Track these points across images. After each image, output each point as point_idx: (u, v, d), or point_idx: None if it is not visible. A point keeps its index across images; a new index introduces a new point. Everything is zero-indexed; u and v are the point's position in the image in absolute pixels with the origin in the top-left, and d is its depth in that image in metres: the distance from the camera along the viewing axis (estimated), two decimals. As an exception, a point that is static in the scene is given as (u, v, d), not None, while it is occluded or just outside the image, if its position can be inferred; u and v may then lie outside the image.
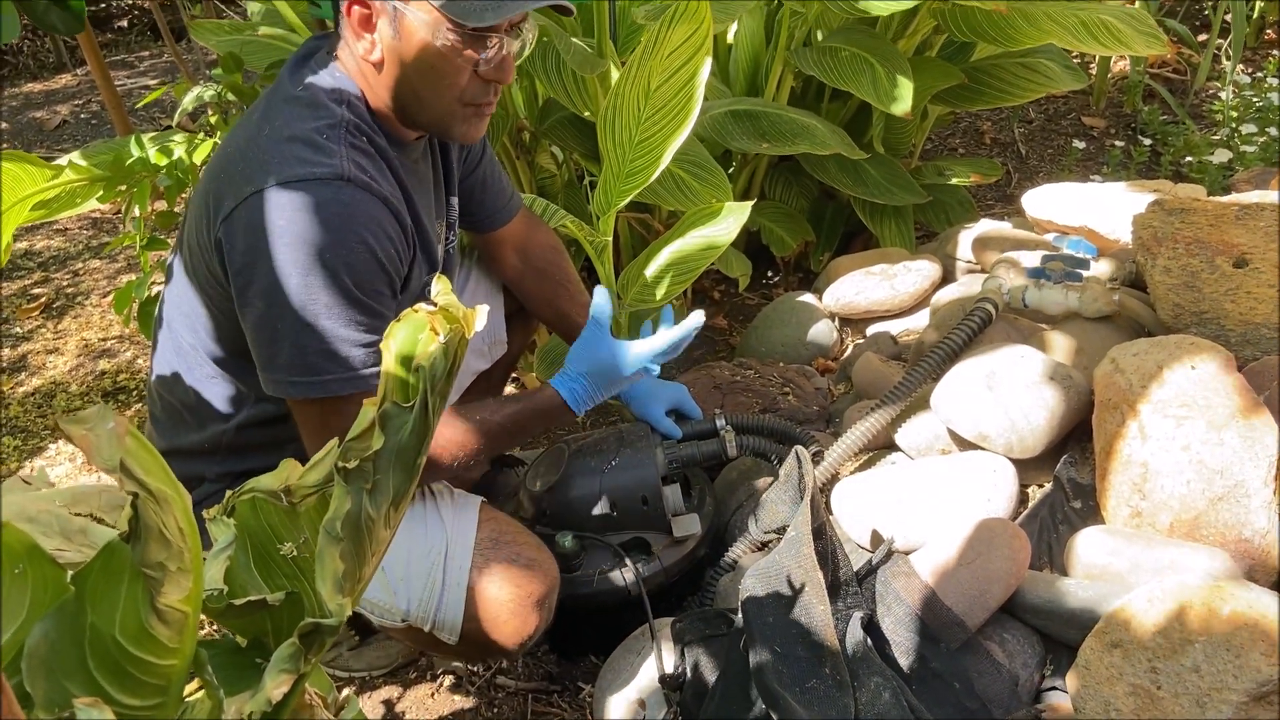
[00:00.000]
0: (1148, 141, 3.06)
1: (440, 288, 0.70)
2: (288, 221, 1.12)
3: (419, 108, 1.24)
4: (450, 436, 1.27)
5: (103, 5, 5.68)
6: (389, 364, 0.68)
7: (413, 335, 0.69)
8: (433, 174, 1.41)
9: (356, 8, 1.17)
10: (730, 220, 1.92)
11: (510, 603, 1.27)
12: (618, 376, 1.38)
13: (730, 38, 2.55)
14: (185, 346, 1.32)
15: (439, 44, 1.17)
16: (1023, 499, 1.45)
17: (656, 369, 1.42)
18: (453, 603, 1.27)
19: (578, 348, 1.39)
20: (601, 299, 1.40)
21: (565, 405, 1.36)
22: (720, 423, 1.61)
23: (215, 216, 1.17)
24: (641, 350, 1.38)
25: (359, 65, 1.23)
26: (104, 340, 2.67)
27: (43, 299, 2.91)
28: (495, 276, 1.72)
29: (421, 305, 0.68)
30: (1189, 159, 2.85)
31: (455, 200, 1.49)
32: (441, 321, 0.68)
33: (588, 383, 1.37)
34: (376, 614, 1.30)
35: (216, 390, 1.32)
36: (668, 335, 1.40)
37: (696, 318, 1.40)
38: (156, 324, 1.40)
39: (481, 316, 0.69)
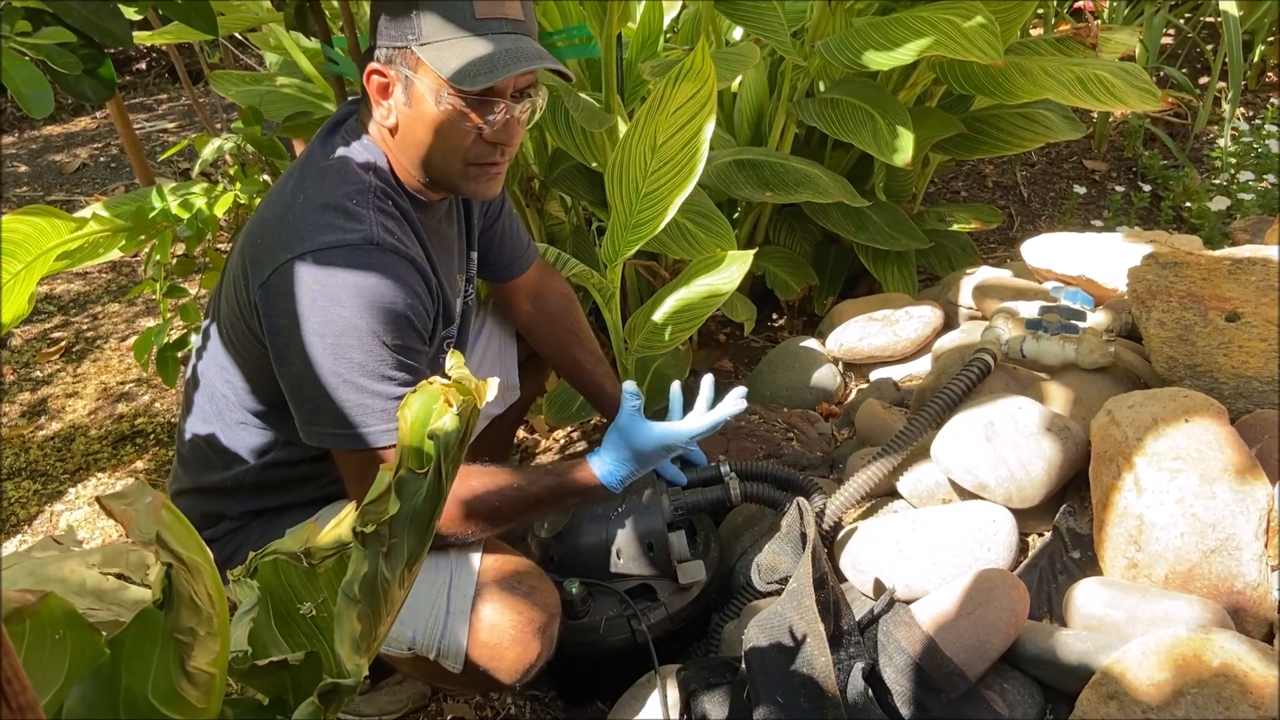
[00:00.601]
0: (1148, 187, 3.11)
1: (454, 361, 0.74)
2: (321, 286, 1.19)
3: (431, 169, 1.31)
4: (484, 500, 1.30)
5: (121, 50, 5.79)
6: (405, 433, 0.72)
7: (427, 406, 0.73)
8: (455, 231, 1.47)
9: (375, 77, 1.26)
10: (733, 269, 1.97)
11: (512, 630, 1.30)
12: (656, 458, 1.40)
13: (735, 87, 2.61)
14: (218, 395, 1.39)
15: (443, 108, 1.24)
16: (1023, 548, 1.47)
17: (695, 447, 1.46)
18: (456, 630, 1.30)
19: (616, 432, 1.39)
20: (632, 387, 1.42)
21: (602, 485, 1.37)
22: (724, 469, 1.64)
23: (253, 281, 1.23)
24: (680, 431, 1.39)
25: (380, 131, 1.30)
26: (123, 384, 2.72)
27: (63, 343, 2.97)
28: (509, 325, 1.78)
29: (436, 378, 0.72)
30: (1189, 204, 2.89)
31: (474, 254, 1.55)
32: (454, 393, 0.72)
33: (625, 464, 1.38)
34: (384, 643, 1.33)
35: (245, 435, 1.39)
36: (708, 418, 1.41)
37: (736, 401, 1.41)
38: (190, 380, 1.46)
39: (492, 388, 0.73)
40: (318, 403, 1.22)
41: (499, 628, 1.30)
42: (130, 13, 1.29)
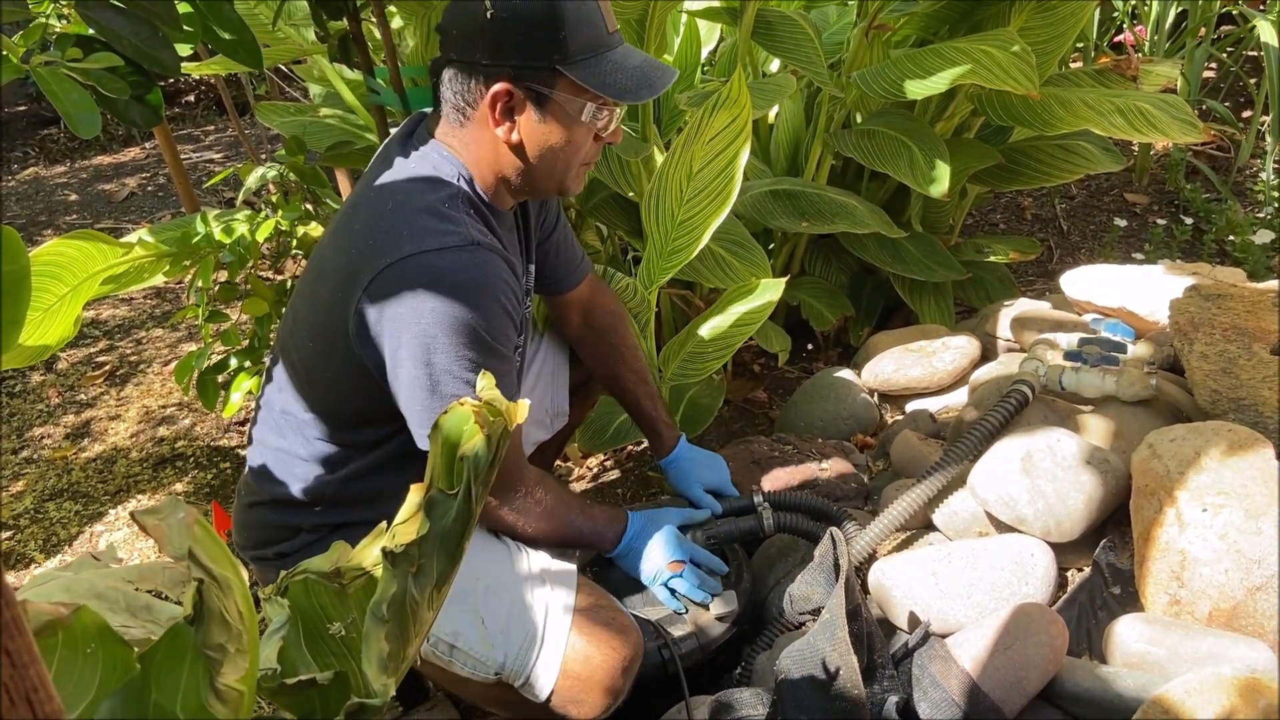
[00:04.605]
0: (1190, 220, 3.07)
1: (485, 383, 0.74)
2: (429, 287, 1.19)
3: (546, 176, 1.33)
4: (545, 504, 1.39)
5: (171, 81, 5.94)
6: (435, 453, 0.72)
7: (458, 427, 0.73)
8: (516, 242, 1.49)
9: (502, 99, 1.25)
10: (766, 296, 1.96)
11: (603, 663, 1.32)
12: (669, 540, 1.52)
13: (771, 118, 2.63)
14: (294, 415, 1.38)
15: (588, 121, 1.28)
16: (1062, 583, 1.45)
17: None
18: (550, 659, 1.32)
19: (668, 514, 1.57)
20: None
21: (612, 543, 1.51)
22: (758, 499, 1.63)
23: (353, 290, 1.23)
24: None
25: (467, 142, 1.31)
26: (164, 408, 2.76)
27: (107, 366, 3.02)
28: (564, 349, 1.80)
29: (467, 399, 0.73)
30: (1232, 238, 2.84)
31: (533, 268, 1.56)
32: (485, 415, 0.72)
33: (646, 539, 1.51)
34: (469, 666, 1.34)
35: (325, 450, 1.38)
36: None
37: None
38: (261, 401, 1.46)
39: (523, 410, 0.73)
40: (430, 403, 1.23)
41: (591, 661, 1.32)
42: (183, 49, 1.32)
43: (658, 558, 1.49)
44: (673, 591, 1.50)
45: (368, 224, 1.26)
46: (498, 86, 1.24)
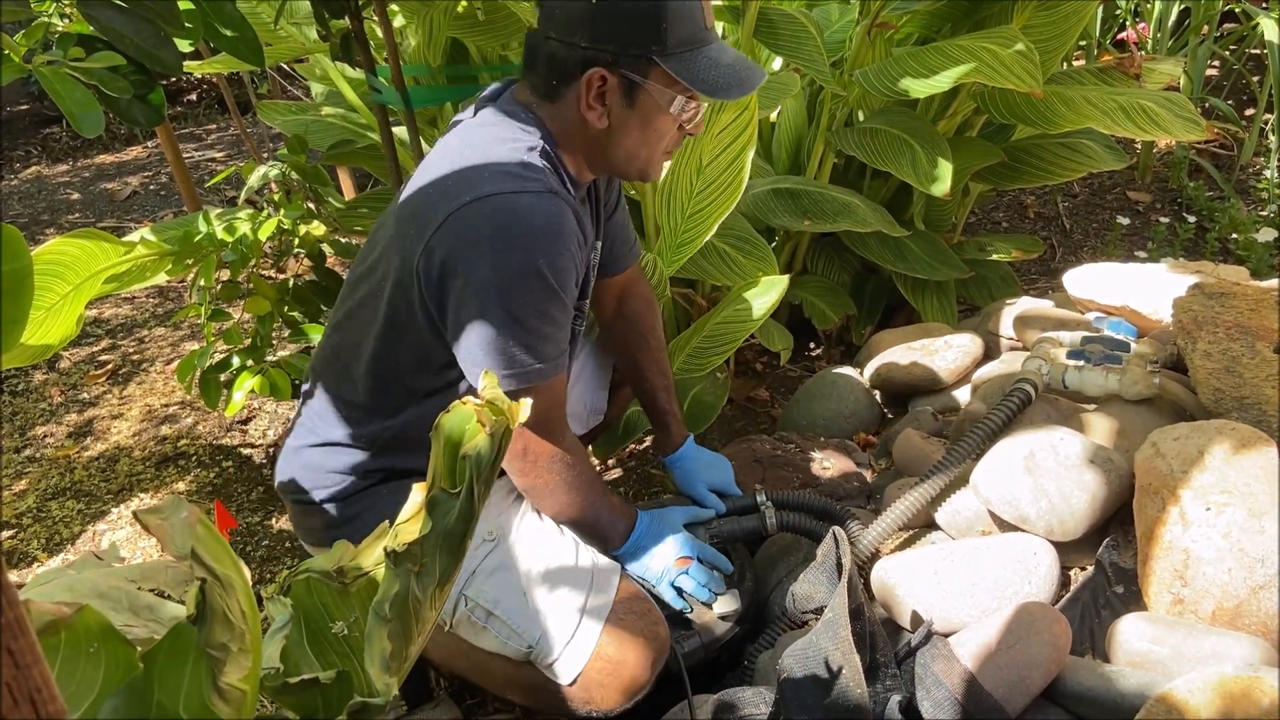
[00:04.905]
0: (1193, 218, 3.06)
1: (487, 382, 0.74)
2: (505, 224, 1.21)
3: (629, 160, 1.36)
4: (578, 471, 1.41)
5: (173, 80, 5.94)
6: (437, 453, 0.72)
7: (460, 426, 0.73)
8: (589, 216, 1.50)
9: (595, 83, 1.26)
10: (770, 293, 1.96)
11: (635, 650, 1.35)
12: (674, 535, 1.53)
13: (773, 117, 2.62)
14: (353, 362, 1.40)
15: (676, 113, 1.30)
16: (1065, 582, 1.44)
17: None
18: (584, 642, 1.34)
19: (674, 513, 1.58)
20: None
21: (622, 536, 1.51)
22: (761, 498, 1.63)
23: (424, 230, 1.24)
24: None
25: (554, 116, 1.32)
26: (166, 406, 2.77)
27: (109, 365, 3.02)
28: (607, 351, 1.81)
29: (469, 398, 0.73)
30: (1235, 236, 2.84)
31: (599, 244, 1.57)
32: (488, 414, 0.72)
33: (654, 537, 1.52)
34: (502, 636, 1.36)
35: (381, 398, 1.40)
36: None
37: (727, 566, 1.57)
38: (324, 346, 1.48)
39: (525, 409, 0.73)
40: (489, 343, 1.25)
41: (622, 649, 1.34)
42: (183, 45, 1.32)
43: (667, 555, 1.49)
44: (679, 592, 1.50)
45: (444, 171, 1.28)
46: (593, 71, 1.26)
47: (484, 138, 1.30)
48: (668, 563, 1.49)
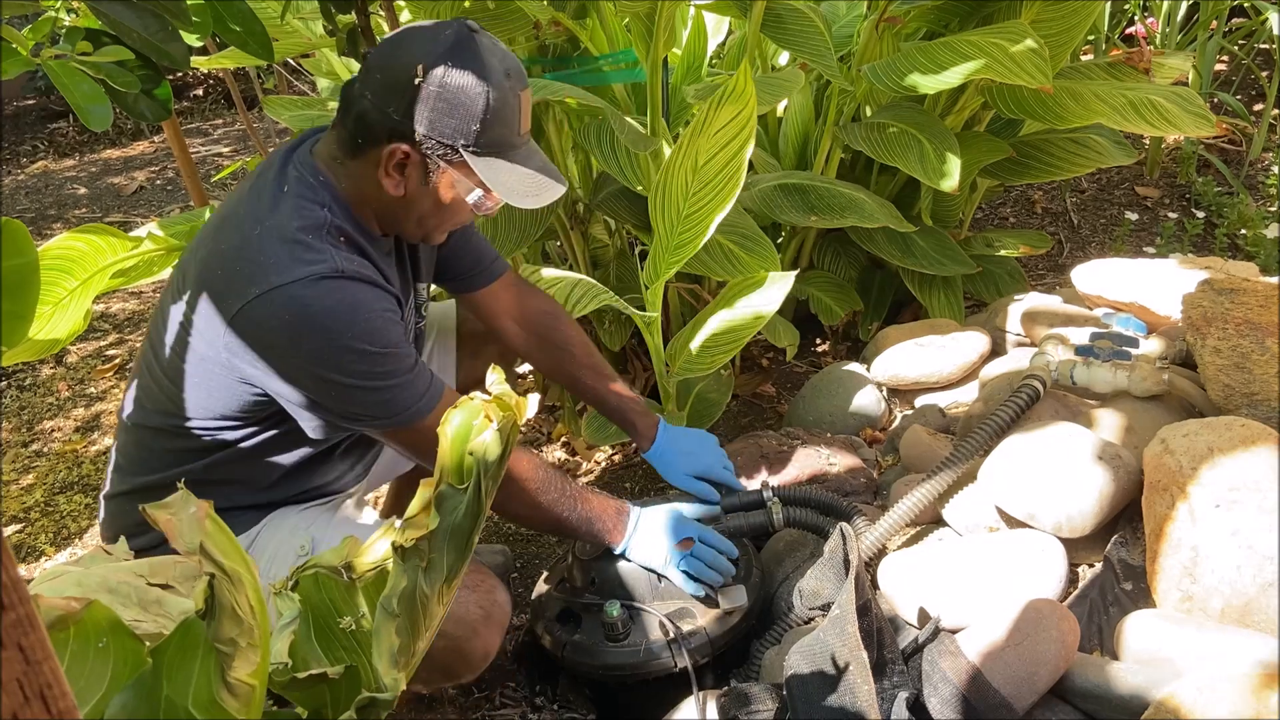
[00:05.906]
0: (1202, 214, 3.05)
1: (495, 377, 0.74)
2: (299, 319, 1.22)
3: (416, 227, 1.38)
4: (546, 484, 1.40)
5: (179, 75, 5.95)
6: (445, 449, 0.72)
7: (467, 422, 0.73)
8: (397, 264, 1.49)
9: (398, 155, 1.27)
10: (775, 290, 1.95)
11: (478, 628, 1.35)
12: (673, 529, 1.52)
13: (780, 112, 2.62)
14: (158, 405, 1.39)
15: (470, 201, 1.32)
16: (1073, 579, 1.44)
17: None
18: None
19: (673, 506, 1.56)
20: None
21: (619, 532, 1.50)
22: (767, 493, 1.63)
23: (223, 313, 1.25)
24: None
25: (351, 174, 1.32)
26: (172, 400, 2.77)
27: (117, 360, 3.03)
28: (449, 334, 1.81)
29: (477, 394, 0.73)
30: (1244, 232, 2.83)
31: (422, 286, 1.57)
32: (495, 409, 0.72)
33: (651, 525, 1.51)
34: None
35: (185, 441, 1.38)
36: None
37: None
38: (128, 399, 1.46)
39: (533, 405, 0.73)
40: (351, 407, 1.28)
41: (465, 622, 1.34)
42: (191, 39, 1.32)
43: (669, 540, 1.48)
44: (689, 576, 1.49)
45: (234, 246, 1.27)
46: (399, 145, 1.26)
47: (268, 214, 1.28)
48: (671, 548, 1.48)
